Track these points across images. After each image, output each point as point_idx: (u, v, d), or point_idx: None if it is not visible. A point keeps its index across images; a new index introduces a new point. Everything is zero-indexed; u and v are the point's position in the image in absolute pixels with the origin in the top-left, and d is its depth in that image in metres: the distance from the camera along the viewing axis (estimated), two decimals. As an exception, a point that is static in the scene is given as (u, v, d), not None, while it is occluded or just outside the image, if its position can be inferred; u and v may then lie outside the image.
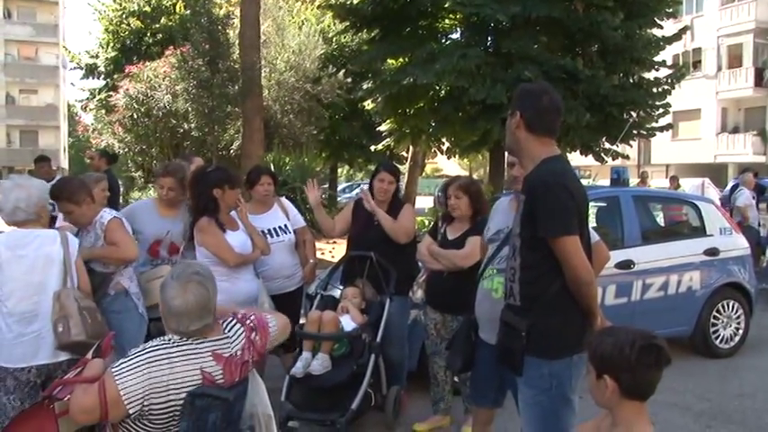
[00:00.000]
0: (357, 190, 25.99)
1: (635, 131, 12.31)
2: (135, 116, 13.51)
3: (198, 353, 1.99)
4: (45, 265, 2.71)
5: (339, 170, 32.29)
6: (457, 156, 15.82)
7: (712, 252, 5.22)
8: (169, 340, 1.99)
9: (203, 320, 2.00)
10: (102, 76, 19.34)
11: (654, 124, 12.95)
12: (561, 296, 2.15)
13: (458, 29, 12.71)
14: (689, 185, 14.53)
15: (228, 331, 2.10)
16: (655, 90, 12.25)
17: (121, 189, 10.81)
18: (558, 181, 2.13)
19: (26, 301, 2.67)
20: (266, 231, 3.96)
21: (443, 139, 14.78)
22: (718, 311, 5.27)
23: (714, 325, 5.26)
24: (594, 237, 2.54)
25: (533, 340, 2.18)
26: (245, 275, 3.57)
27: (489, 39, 11.97)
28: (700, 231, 5.42)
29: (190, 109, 12.58)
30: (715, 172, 22.71)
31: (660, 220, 6.34)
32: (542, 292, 2.16)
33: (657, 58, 12.43)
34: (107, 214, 3.25)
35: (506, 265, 2.37)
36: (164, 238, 3.64)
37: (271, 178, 4.09)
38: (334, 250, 11.03)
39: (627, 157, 13.44)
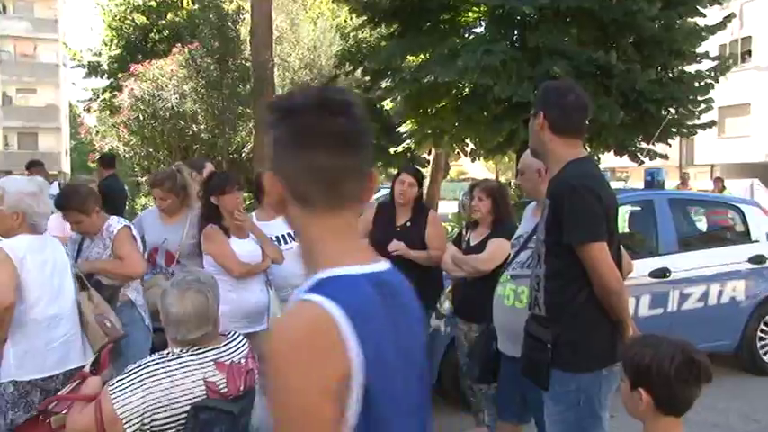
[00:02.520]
0: (377, 195, 25.92)
1: (674, 129, 12.18)
2: (141, 118, 13.68)
3: (199, 363, 2.06)
4: (62, 268, 2.82)
5: (356, 173, 32.19)
6: (482, 158, 15.80)
7: (758, 259, 5.17)
8: (167, 354, 2.06)
9: (202, 329, 2.07)
10: (106, 75, 19.24)
11: (695, 121, 12.79)
12: (589, 306, 2.17)
13: (481, 23, 12.72)
14: (736, 187, 14.32)
15: (232, 341, 2.19)
16: (696, 84, 12.11)
17: (128, 195, 11.01)
18: (584, 184, 2.15)
19: (52, 305, 2.76)
20: (275, 238, 4.03)
21: (467, 141, 14.78)
22: (766, 324, 5.22)
23: (762, 339, 5.20)
24: None
25: (559, 352, 2.20)
26: (252, 286, 3.63)
27: (515, 33, 11.96)
28: (744, 237, 5.37)
29: (199, 110, 12.74)
30: (767, 172, 22.25)
31: (701, 225, 6.28)
32: (568, 302, 2.18)
33: (700, 50, 12.25)
34: (116, 223, 3.30)
35: (531, 273, 2.39)
36: (161, 246, 3.74)
37: None
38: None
39: (666, 158, 13.27)
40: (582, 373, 2.20)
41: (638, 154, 12.49)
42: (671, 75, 12.02)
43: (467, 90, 12.22)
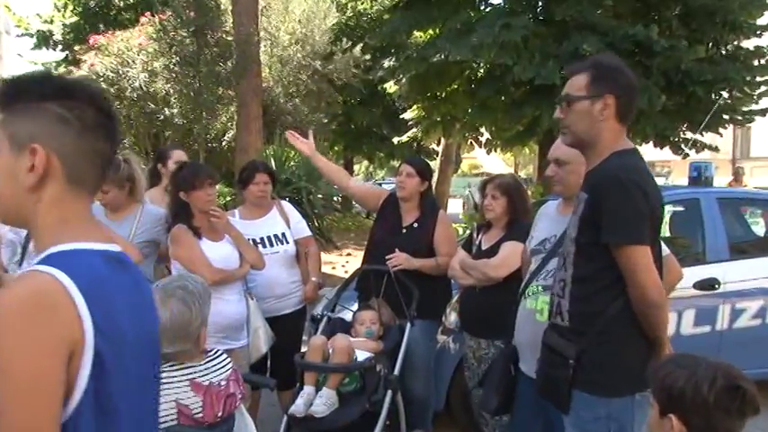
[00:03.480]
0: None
1: (726, 116, 12.14)
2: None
3: (172, 382, 2.07)
4: None
5: (355, 167, 32.30)
6: (498, 149, 15.83)
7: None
8: None
9: (177, 344, 2.09)
10: (60, 47, 18.91)
11: (753, 107, 12.71)
12: (622, 318, 2.16)
13: (500, -8, 12.78)
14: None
15: (213, 359, 2.20)
16: (755, 63, 12.00)
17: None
18: (631, 177, 2.14)
19: None
20: (259, 240, 4.04)
21: (482, 129, 14.80)
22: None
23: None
24: (665, 250, 2.54)
25: (585, 371, 2.19)
26: (228, 295, 3.65)
27: (539, 4, 11.98)
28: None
29: (172, 91, 12.68)
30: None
31: (758, 228, 6.27)
32: (599, 312, 2.18)
33: (761, 21, 12.15)
34: None
35: (554, 277, 2.39)
36: None
37: (268, 176, 4.18)
38: (348, 264, 11.08)
39: (716, 150, 13.24)
40: (612, 397, 2.19)
41: (682, 145, 12.44)
42: (724, 51, 11.93)
43: (482, 71, 12.26)
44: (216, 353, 2.26)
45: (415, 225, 4.06)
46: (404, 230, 4.05)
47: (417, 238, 4.01)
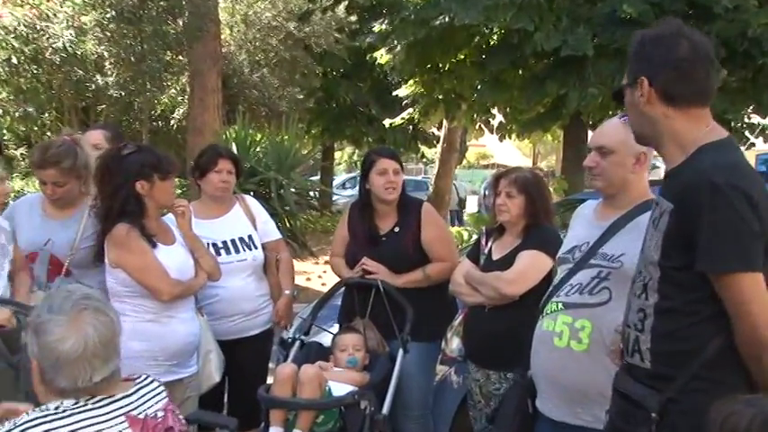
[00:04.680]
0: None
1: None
2: (16, 61, 13.51)
3: (105, 420, 2.08)
4: None
5: (337, 154, 32.17)
6: (514, 135, 15.88)
7: None
8: (56, 409, 2.04)
9: (110, 364, 2.09)
10: None
11: None
12: (723, 361, 2.10)
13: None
14: None
15: (143, 386, 2.23)
16: None
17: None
18: (731, 182, 2.05)
19: None
20: (221, 245, 4.06)
21: (494, 111, 14.83)
22: None
23: None
24: None
25: (674, 428, 2.14)
26: (182, 312, 3.65)
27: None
28: None
29: (106, 54, 12.57)
30: None
31: None
32: (692, 352, 2.12)
33: None
34: None
35: (630, 303, 2.33)
36: (42, 249, 3.74)
37: (232, 164, 4.19)
38: (326, 274, 11.07)
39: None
40: None
41: (747, 132, 12.48)
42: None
43: (495, 38, 12.26)
44: (144, 379, 2.27)
45: (396, 230, 4.08)
46: (383, 239, 4.06)
47: (403, 245, 4.03)
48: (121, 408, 2.12)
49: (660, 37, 2.27)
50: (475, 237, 6.43)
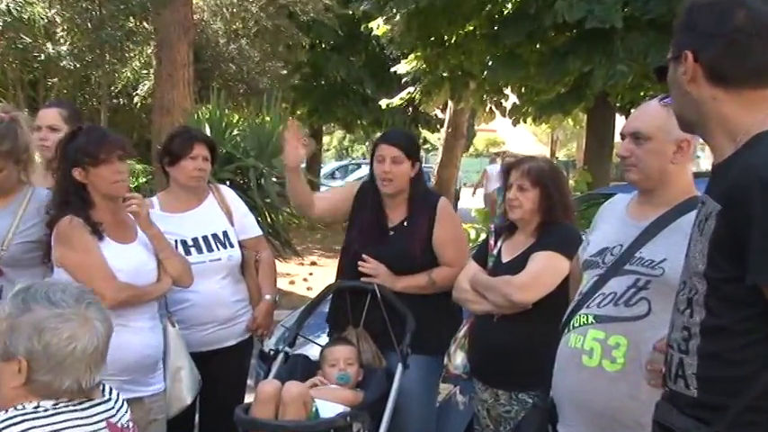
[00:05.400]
0: (358, 173, 25.55)
1: None
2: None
3: (87, 424, 2.18)
4: None
5: (326, 139, 32.19)
6: (529, 119, 15.92)
7: None
8: (36, 408, 2.11)
9: (101, 366, 2.20)
10: None
11: None
12: None
13: None
14: None
15: (112, 394, 2.36)
16: None
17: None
18: None
19: None
20: (191, 242, 4.08)
21: (506, 90, 14.86)
22: None
23: None
24: None
25: None
26: (136, 321, 3.63)
27: None
28: None
29: (58, 19, 12.59)
30: None
31: None
32: (746, 380, 2.08)
33: None
34: None
35: (672, 322, 2.34)
36: None
37: (208, 150, 4.19)
38: (312, 277, 11.11)
39: None
40: None
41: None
42: None
43: (509, 6, 12.30)
44: (109, 387, 2.36)
45: (405, 224, 4.09)
46: (391, 232, 4.06)
47: (409, 241, 4.03)
48: (101, 413, 2.22)
49: (712, 3, 2.22)
50: (483, 236, 6.41)
